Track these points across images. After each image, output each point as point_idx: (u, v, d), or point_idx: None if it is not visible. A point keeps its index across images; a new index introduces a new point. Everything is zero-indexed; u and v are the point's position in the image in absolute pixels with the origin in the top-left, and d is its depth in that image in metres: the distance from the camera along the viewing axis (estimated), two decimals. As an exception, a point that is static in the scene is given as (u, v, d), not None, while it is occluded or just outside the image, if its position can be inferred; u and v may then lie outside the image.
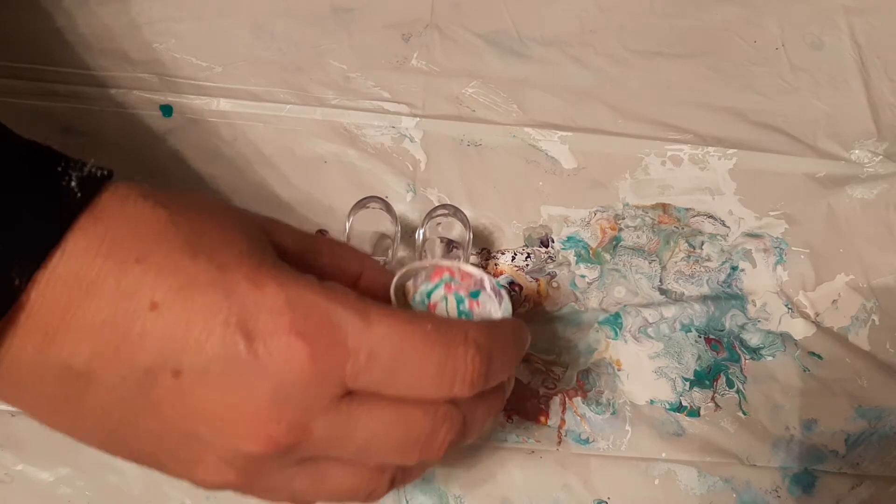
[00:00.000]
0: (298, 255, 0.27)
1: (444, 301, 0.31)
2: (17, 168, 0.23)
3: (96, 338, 0.23)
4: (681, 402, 0.39)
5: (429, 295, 0.31)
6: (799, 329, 0.41)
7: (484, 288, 0.31)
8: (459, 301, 0.31)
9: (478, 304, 0.31)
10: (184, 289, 0.23)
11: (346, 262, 0.30)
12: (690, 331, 0.40)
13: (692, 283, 0.41)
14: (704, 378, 0.39)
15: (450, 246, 0.40)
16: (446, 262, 0.31)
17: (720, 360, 0.40)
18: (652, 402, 0.39)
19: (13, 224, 0.22)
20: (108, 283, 0.23)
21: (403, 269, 0.31)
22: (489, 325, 0.27)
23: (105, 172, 0.25)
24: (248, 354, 0.23)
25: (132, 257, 0.23)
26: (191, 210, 0.25)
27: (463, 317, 0.30)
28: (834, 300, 0.41)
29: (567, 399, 0.38)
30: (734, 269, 0.42)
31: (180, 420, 0.24)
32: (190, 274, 0.23)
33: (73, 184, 0.24)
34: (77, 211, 0.23)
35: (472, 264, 0.33)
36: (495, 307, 0.31)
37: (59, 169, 0.24)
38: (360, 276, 0.30)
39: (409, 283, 0.31)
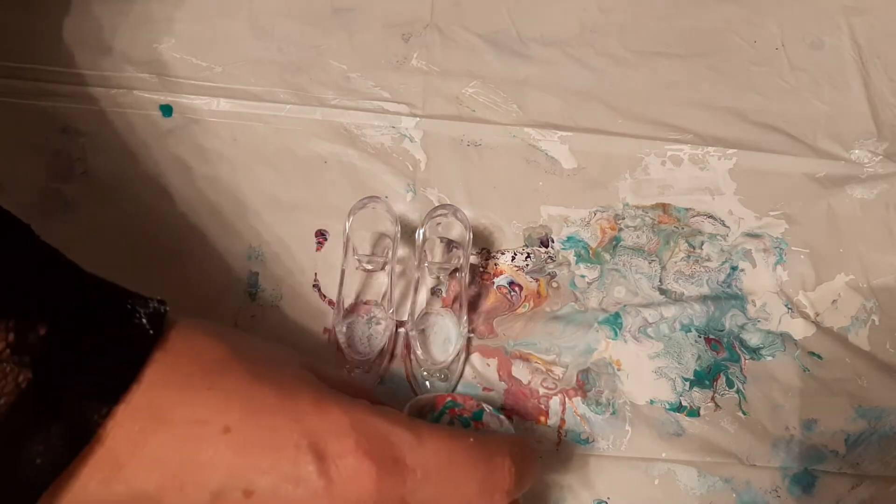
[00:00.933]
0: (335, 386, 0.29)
1: (453, 425, 0.31)
2: (93, 308, 0.25)
3: (167, 465, 0.24)
4: (681, 402, 0.39)
5: (437, 420, 0.31)
6: (799, 329, 0.41)
7: (484, 409, 0.32)
8: (465, 424, 0.31)
9: (483, 424, 0.31)
10: (255, 413, 0.24)
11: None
12: (690, 331, 0.40)
13: (692, 283, 0.41)
14: (704, 378, 0.39)
15: (450, 246, 0.40)
16: (444, 394, 0.33)
17: (720, 360, 0.40)
18: (652, 402, 0.39)
19: (95, 363, 0.24)
20: (181, 411, 0.24)
21: (408, 405, 0.31)
22: (520, 439, 0.29)
23: (165, 308, 0.26)
24: (320, 475, 0.24)
25: (204, 385, 0.24)
26: (248, 343, 0.27)
27: None
28: (834, 300, 0.41)
29: (567, 399, 0.38)
30: (734, 269, 0.42)
31: None
32: (259, 399, 0.25)
33: (143, 321, 0.25)
34: (151, 346, 0.25)
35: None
36: (497, 427, 0.32)
37: (129, 306, 0.25)
38: None
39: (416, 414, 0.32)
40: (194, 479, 0.24)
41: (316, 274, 0.39)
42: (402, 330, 0.38)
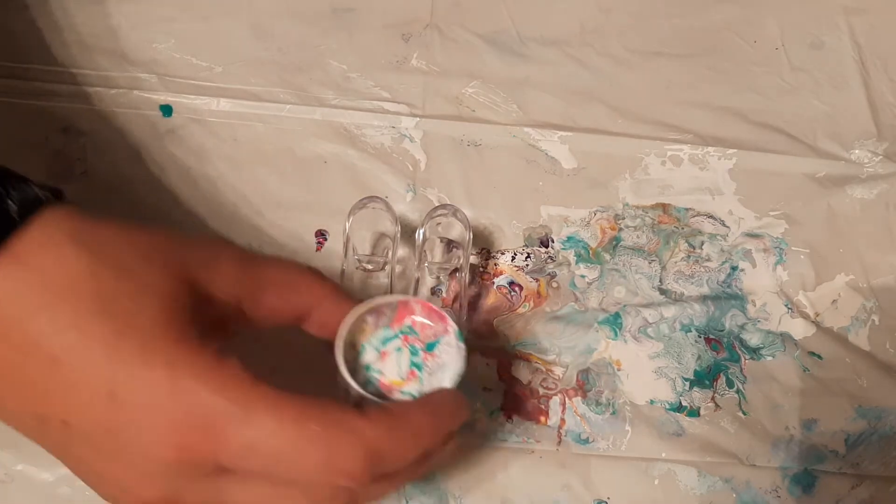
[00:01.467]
0: (234, 301, 0.27)
1: (398, 352, 0.31)
2: None
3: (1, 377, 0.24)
4: (681, 402, 0.39)
5: (385, 342, 0.31)
6: (799, 329, 0.41)
7: (440, 340, 0.31)
8: (414, 353, 0.31)
9: (433, 356, 0.31)
10: (81, 350, 0.23)
11: (296, 295, 0.29)
12: (690, 331, 0.40)
13: (692, 283, 0.41)
14: (704, 378, 0.39)
15: (450, 246, 0.40)
16: (413, 299, 0.31)
17: (720, 360, 0.40)
18: (652, 402, 0.39)
19: None
20: (16, 330, 0.23)
21: (367, 305, 0.30)
22: (390, 421, 0.26)
23: (47, 196, 0.25)
24: (125, 430, 0.24)
25: (42, 307, 0.23)
26: (115, 257, 0.25)
27: (413, 368, 0.31)
28: (834, 300, 0.41)
29: (567, 399, 0.38)
30: (734, 269, 0.42)
31: (73, 464, 0.26)
32: (90, 335, 0.23)
33: (12, 205, 0.24)
34: (2, 237, 0.24)
35: (443, 309, 0.32)
36: (452, 358, 0.31)
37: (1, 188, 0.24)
38: (312, 311, 0.30)
39: (371, 319, 0.31)
40: (22, 398, 0.24)
41: (316, 274, 0.39)
42: (402, 330, 0.38)
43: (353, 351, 0.31)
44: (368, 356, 0.31)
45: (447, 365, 0.31)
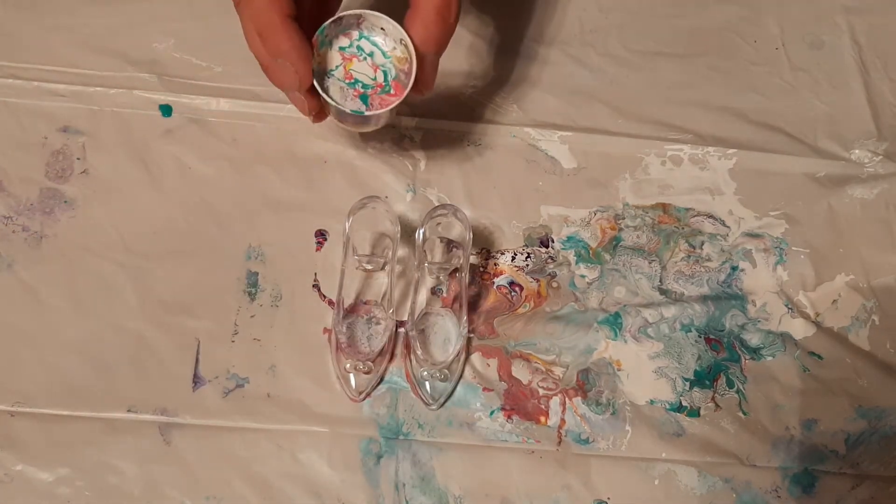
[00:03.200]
0: None
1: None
2: None
3: None
4: (681, 402, 0.39)
5: (343, 49, 0.35)
6: (799, 329, 0.41)
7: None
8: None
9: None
10: None
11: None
12: (690, 331, 0.40)
13: (692, 283, 0.41)
14: (704, 378, 0.39)
15: (450, 246, 0.40)
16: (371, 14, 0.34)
17: (720, 360, 0.40)
18: (652, 402, 0.38)
19: None
20: None
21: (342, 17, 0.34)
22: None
23: None
24: None
25: None
26: None
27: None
28: (834, 300, 0.41)
29: (567, 399, 0.38)
30: (734, 269, 0.42)
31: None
32: None
33: None
34: None
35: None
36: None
37: None
38: None
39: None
40: None
41: (316, 274, 0.39)
42: (402, 330, 0.38)
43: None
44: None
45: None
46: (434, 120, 0.43)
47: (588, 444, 0.37)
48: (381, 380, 0.37)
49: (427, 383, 0.37)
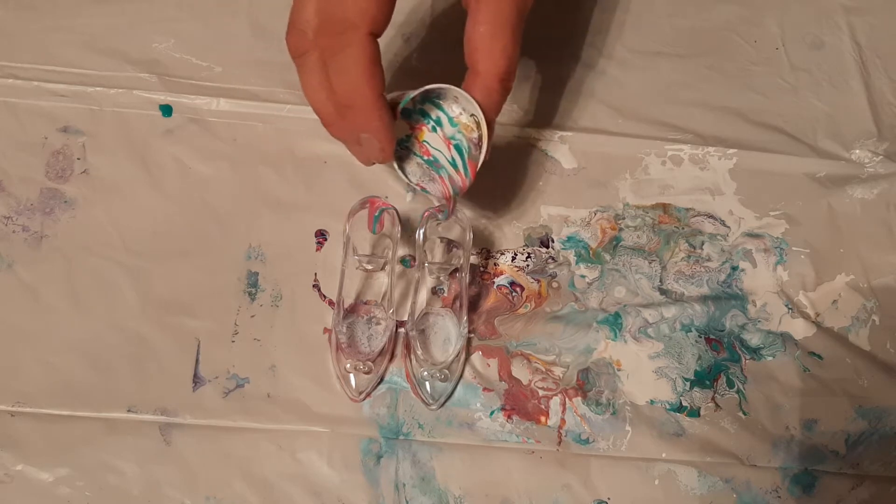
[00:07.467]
0: None
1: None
2: None
3: None
4: (681, 403, 0.39)
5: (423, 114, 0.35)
6: (799, 329, 0.41)
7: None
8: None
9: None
10: None
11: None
12: (691, 331, 0.40)
13: (692, 284, 0.41)
14: (705, 378, 0.39)
15: (450, 246, 0.40)
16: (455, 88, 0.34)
17: (720, 360, 0.40)
18: (652, 402, 0.38)
19: None
20: None
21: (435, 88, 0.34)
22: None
23: None
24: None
25: None
26: None
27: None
28: (834, 300, 0.41)
29: (567, 399, 0.38)
30: (734, 269, 0.42)
31: None
32: None
33: None
34: None
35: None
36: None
37: None
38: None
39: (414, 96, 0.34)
40: None
41: (316, 274, 0.39)
42: (402, 330, 0.38)
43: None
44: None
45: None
46: (434, 120, 0.43)
47: (588, 444, 0.37)
48: (381, 380, 0.37)
49: (427, 383, 0.37)
